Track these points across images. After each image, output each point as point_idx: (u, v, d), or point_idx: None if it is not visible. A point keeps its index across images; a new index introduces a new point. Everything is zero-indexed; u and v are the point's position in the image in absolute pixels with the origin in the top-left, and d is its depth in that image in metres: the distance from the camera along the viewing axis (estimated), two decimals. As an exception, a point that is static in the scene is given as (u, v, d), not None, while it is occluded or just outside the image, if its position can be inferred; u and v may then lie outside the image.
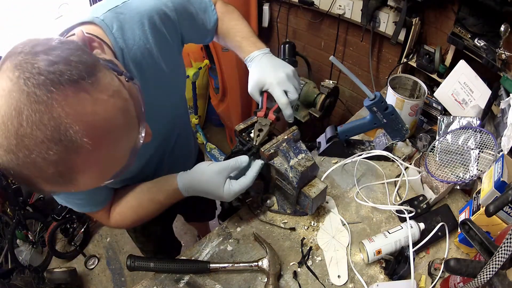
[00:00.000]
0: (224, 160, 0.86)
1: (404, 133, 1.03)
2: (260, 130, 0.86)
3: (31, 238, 2.11)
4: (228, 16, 0.98)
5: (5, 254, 1.92)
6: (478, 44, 1.13)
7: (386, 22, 1.51)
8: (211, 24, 0.94)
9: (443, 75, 1.29)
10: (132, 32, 0.71)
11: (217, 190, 0.81)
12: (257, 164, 0.84)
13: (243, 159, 0.82)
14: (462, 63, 1.17)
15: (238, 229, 0.95)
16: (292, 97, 0.86)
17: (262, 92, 0.90)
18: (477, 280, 0.58)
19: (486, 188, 0.83)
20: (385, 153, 1.06)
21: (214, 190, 0.81)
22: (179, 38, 0.85)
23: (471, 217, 0.85)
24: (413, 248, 0.81)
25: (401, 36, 1.44)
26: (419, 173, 1.01)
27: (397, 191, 1.04)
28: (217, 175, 0.80)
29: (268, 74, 0.86)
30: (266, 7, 2.08)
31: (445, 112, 1.24)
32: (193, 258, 0.89)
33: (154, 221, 0.99)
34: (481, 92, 1.13)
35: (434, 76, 1.33)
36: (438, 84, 1.29)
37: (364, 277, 0.85)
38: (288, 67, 0.88)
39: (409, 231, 0.85)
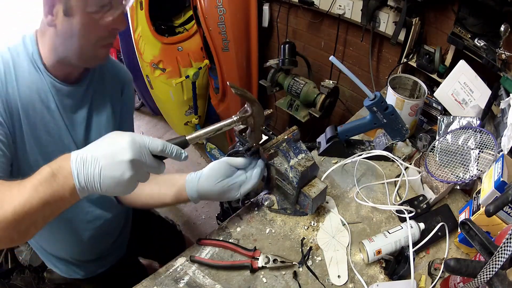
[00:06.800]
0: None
1: (404, 133, 1.03)
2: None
3: (31, 238, 2.10)
4: None
5: (5, 254, 1.92)
6: (478, 44, 1.13)
7: (386, 22, 1.51)
8: None
9: (443, 75, 1.29)
10: None
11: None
12: (261, 163, 0.85)
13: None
14: (462, 63, 1.17)
15: (238, 229, 0.95)
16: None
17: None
18: (477, 280, 0.58)
19: (486, 188, 0.83)
20: (385, 153, 1.06)
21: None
22: None
23: (471, 217, 0.85)
24: (413, 248, 0.81)
25: (401, 36, 1.44)
26: (419, 173, 1.01)
27: (397, 191, 1.04)
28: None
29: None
30: (266, 7, 2.08)
31: (445, 112, 1.25)
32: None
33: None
34: (481, 92, 1.13)
35: (434, 76, 1.33)
36: (438, 84, 1.29)
37: (364, 277, 0.85)
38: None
39: (409, 231, 0.85)
